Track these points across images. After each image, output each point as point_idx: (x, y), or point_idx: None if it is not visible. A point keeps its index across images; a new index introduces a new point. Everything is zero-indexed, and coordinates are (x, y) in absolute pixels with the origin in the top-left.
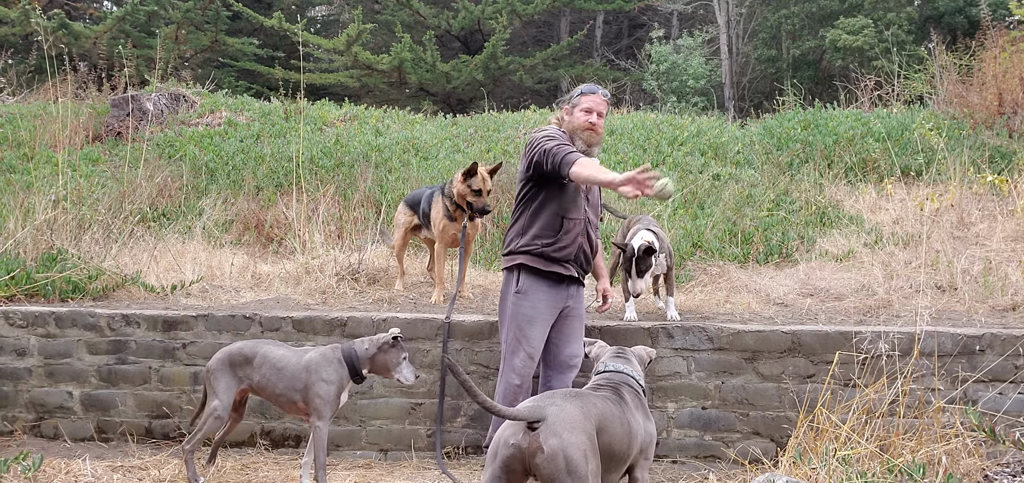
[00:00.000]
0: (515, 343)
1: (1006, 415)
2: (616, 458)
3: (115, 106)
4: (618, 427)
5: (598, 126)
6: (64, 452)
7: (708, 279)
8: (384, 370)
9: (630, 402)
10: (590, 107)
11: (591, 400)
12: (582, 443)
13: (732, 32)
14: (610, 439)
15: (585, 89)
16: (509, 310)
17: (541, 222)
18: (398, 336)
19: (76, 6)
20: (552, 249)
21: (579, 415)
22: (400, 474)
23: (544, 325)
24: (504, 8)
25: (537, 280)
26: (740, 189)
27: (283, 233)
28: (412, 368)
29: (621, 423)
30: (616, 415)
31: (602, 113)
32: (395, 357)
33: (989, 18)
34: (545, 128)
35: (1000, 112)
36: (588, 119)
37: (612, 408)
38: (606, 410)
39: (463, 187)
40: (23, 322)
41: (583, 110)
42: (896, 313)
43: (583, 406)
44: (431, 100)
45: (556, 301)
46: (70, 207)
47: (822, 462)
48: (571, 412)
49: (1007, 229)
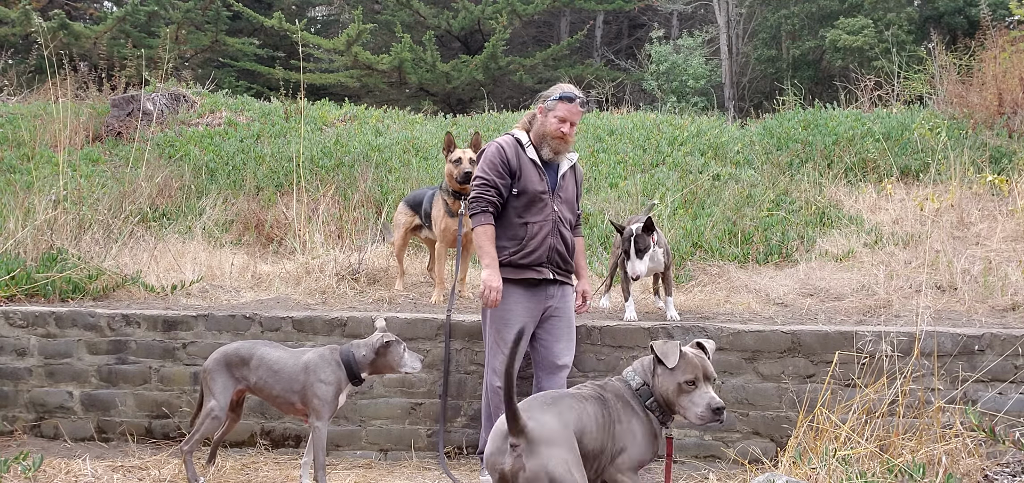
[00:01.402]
0: (494, 345)
1: (1006, 415)
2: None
3: (115, 106)
4: (596, 429)
5: (569, 136)
6: (64, 452)
7: (708, 279)
8: (388, 369)
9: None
10: (565, 116)
11: (568, 403)
12: (563, 456)
13: (732, 32)
14: (589, 441)
15: (563, 94)
16: (488, 314)
17: (504, 231)
18: (384, 328)
19: (76, 6)
20: (519, 256)
21: (556, 425)
22: (400, 474)
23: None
24: (504, 8)
25: (510, 286)
26: (740, 189)
27: (283, 233)
28: (415, 354)
29: (599, 425)
30: (593, 416)
31: (575, 122)
32: (396, 354)
33: (989, 18)
34: (497, 146)
35: (1000, 112)
36: (560, 128)
37: (590, 409)
38: (583, 412)
39: (448, 165)
40: (23, 322)
41: (557, 117)
42: (896, 313)
43: (560, 413)
44: (431, 100)
45: (534, 304)
46: (70, 207)
47: (822, 462)
48: (549, 424)
49: (1007, 229)
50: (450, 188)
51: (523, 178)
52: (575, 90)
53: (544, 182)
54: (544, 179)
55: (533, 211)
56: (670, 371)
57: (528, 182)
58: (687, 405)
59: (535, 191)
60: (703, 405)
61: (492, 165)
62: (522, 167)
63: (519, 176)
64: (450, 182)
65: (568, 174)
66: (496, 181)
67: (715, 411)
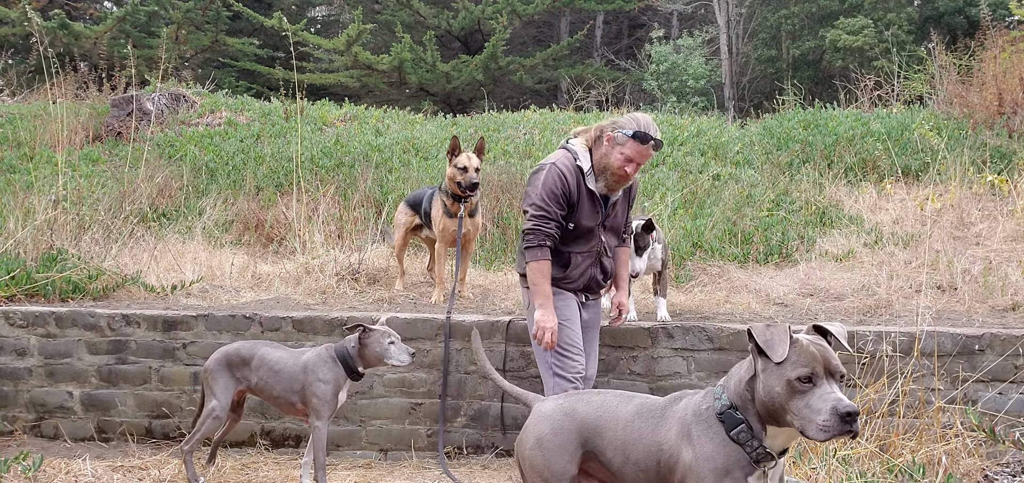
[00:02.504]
0: (554, 357)
1: (1006, 415)
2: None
3: (115, 106)
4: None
5: (631, 176)
6: (64, 452)
7: (708, 279)
8: (376, 360)
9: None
10: (633, 157)
11: (590, 396)
12: (532, 444)
13: (732, 32)
14: (605, 445)
15: (637, 133)
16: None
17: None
18: (384, 324)
19: (76, 6)
20: (560, 283)
21: (554, 412)
22: (400, 474)
23: (579, 324)
24: (504, 8)
25: (558, 290)
26: (740, 189)
27: (283, 233)
28: (404, 348)
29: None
30: (626, 421)
31: (641, 165)
32: (378, 343)
33: (989, 18)
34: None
35: (1000, 112)
36: (625, 167)
37: (623, 411)
38: (606, 410)
39: (451, 169)
40: (23, 322)
41: (624, 155)
42: (896, 313)
43: (570, 403)
44: (431, 100)
45: (578, 307)
46: (70, 207)
47: (822, 462)
48: (545, 410)
49: (1007, 229)
50: (451, 191)
51: (578, 211)
52: (652, 129)
53: (597, 215)
54: (598, 212)
55: (579, 243)
56: (777, 366)
57: (582, 216)
58: (803, 413)
59: (586, 226)
60: (827, 410)
61: (553, 195)
62: (580, 198)
63: (575, 208)
64: (451, 185)
65: (621, 198)
66: (556, 214)
67: (845, 417)
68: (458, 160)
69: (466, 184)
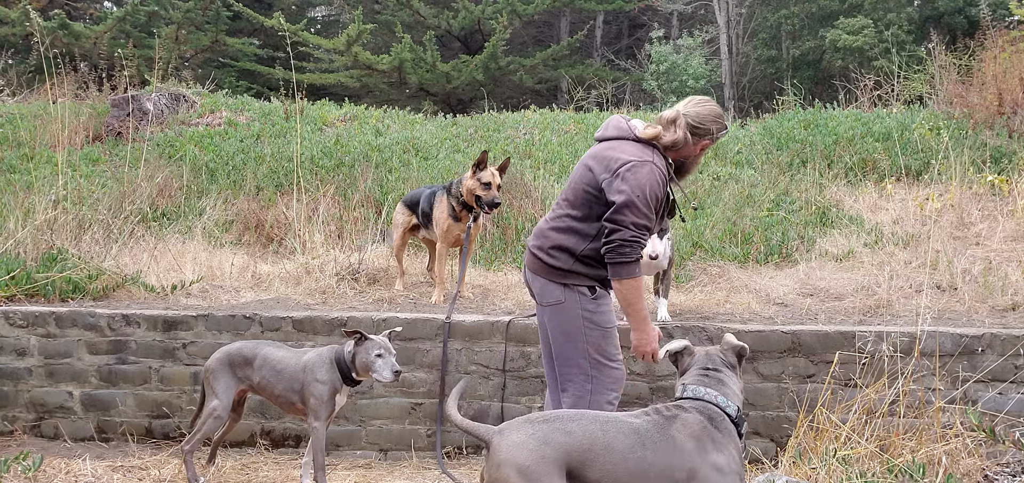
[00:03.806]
0: (598, 362)
1: (1006, 415)
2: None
3: (115, 106)
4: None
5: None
6: (64, 452)
7: (708, 279)
8: (364, 370)
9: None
10: (706, 147)
11: (564, 424)
12: (515, 477)
13: (732, 32)
14: (595, 477)
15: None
16: (582, 324)
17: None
18: (387, 336)
19: (76, 6)
20: (607, 283)
21: (527, 441)
22: (400, 474)
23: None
24: (504, 8)
25: (603, 291)
26: (740, 189)
27: (283, 233)
28: (391, 363)
29: (624, 457)
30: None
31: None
32: (366, 353)
33: (989, 18)
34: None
35: (1000, 112)
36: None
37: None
38: (589, 440)
39: (473, 181)
40: (23, 322)
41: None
42: (896, 313)
43: (543, 432)
44: (431, 100)
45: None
46: (70, 207)
47: (822, 462)
48: (516, 440)
49: (1007, 229)
50: (466, 201)
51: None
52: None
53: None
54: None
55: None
56: None
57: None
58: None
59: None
60: None
61: (656, 201)
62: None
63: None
64: (469, 196)
65: None
66: (653, 224)
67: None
68: (483, 175)
69: (488, 201)
